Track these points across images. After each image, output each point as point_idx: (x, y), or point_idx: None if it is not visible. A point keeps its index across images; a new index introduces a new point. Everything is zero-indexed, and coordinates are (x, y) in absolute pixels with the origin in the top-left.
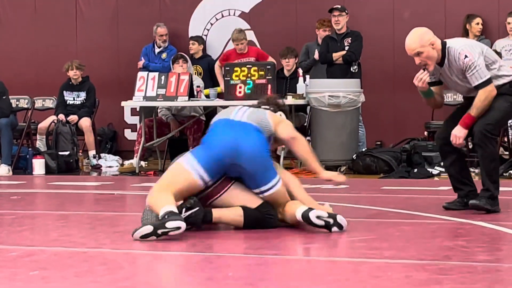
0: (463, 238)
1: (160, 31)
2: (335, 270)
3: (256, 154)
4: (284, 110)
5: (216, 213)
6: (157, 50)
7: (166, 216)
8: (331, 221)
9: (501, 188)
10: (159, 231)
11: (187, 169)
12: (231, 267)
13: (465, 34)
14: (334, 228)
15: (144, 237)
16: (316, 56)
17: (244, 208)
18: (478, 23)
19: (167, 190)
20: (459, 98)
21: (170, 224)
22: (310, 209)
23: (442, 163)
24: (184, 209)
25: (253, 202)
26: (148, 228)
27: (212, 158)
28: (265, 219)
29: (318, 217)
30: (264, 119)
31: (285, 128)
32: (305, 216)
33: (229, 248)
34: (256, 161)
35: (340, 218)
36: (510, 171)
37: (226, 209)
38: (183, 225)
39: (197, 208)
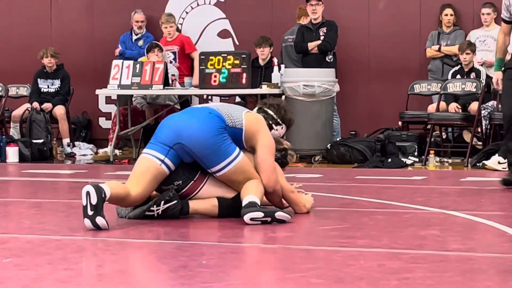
0: (436, 227)
1: (137, 17)
2: (309, 259)
3: (199, 133)
4: (283, 117)
5: (193, 205)
6: (134, 37)
7: None
8: (269, 219)
9: (474, 178)
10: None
11: (147, 157)
12: (205, 255)
13: (440, 24)
14: (274, 223)
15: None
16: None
17: (219, 199)
18: (447, 14)
19: (136, 185)
20: (460, 88)
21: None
22: (249, 208)
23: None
24: (162, 202)
25: (229, 193)
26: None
27: (156, 141)
28: (239, 209)
29: (252, 219)
30: (237, 114)
31: (263, 147)
32: (242, 214)
33: (202, 236)
34: (200, 140)
35: (279, 215)
36: (483, 161)
37: (201, 200)
38: (90, 188)
39: (175, 201)
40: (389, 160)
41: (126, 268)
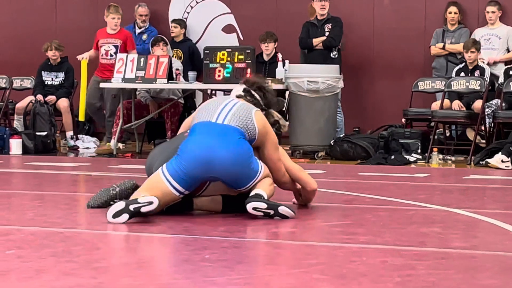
0: (438, 224)
1: (140, 10)
2: (312, 255)
3: (230, 165)
4: (269, 102)
5: (197, 202)
6: (138, 31)
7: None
8: (271, 212)
9: (477, 176)
10: (131, 207)
11: (163, 181)
12: (208, 249)
13: (445, 22)
14: (277, 218)
15: (117, 215)
16: None
17: (224, 196)
18: (451, 12)
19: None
20: (464, 86)
21: (142, 199)
22: (253, 198)
23: None
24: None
25: (234, 191)
26: (120, 205)
27: (185, 174)
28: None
29: (254, 208)
30: (250, 122)
31: (271, 147)
32: (246, 203)
33: (206, 230)
34: (232, 171)
35: (282, 209)
36: (486, 160)
37: (206, 198)
38: (155, 200)
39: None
40: (392, 157)
41: (129, 261)
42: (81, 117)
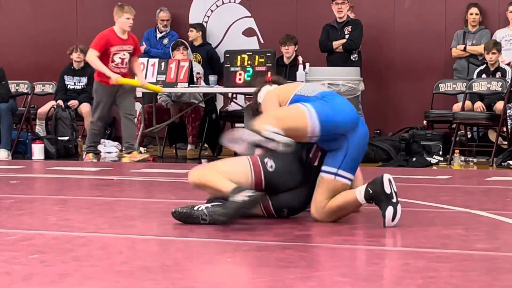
0: (460, 226)
1: (162, 15)
2: (334, 257)
3: (366, 139)
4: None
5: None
6: (158, 35)
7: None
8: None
9: (499, 178)
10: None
11: (304, 111)
12: (229, 252)
13: (466, 23)
14: (390, 210)
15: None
16: None
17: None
18: (472, 13)
19: None
20: (485, 87)
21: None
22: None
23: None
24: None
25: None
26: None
27: (332, 120)
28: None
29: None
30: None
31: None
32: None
33: (227, 234)
34: (362, 145)
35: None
36: (508, 161)
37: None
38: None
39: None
40: (414, 159)
41: (151, 265)
42: (158, 89)
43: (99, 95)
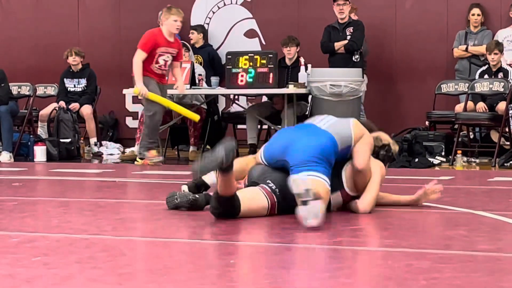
0: (463, 227)
1: None
2: (336, 258)
3: (303, 153)
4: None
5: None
6: None
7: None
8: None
9: (502, 178)
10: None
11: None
12: (232, 254)
13: (467, 24)
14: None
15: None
16: None
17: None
18: (474, 14)
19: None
20: (488, 88)
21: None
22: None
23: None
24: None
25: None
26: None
27: (270, 155)
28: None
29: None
30: (347, 128)
31: (360, 152)
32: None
33: (231, 236)
34: (299, 156)
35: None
36: (511, 162)
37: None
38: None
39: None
40: (416, 160)
41: (154, 267)
42: (195, 117)
43: (151, 90)
